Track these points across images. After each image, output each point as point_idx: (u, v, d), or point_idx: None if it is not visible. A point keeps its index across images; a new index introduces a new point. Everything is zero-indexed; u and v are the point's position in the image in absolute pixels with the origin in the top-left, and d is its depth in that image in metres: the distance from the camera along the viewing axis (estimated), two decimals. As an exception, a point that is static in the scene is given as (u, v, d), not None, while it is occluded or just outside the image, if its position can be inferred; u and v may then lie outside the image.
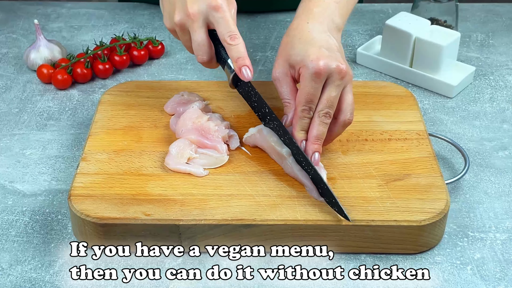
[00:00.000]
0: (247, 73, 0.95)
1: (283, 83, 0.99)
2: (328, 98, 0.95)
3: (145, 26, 1.46)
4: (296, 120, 0.96)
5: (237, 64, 0.95)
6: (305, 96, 0.95)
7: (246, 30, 1.45)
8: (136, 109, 1.10)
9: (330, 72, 0.94)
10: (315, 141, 0.96)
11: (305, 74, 0.95)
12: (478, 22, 1.50)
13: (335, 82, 0.95)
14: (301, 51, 0.97)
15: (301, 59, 0.96)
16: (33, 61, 1.28)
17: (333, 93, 0.95)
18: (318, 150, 0.96)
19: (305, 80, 0.95)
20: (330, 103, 0.95)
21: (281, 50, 1.01)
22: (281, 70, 0.99)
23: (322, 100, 0.95)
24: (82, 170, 0.97)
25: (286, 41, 1.01)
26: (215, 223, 0.90)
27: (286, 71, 0.99)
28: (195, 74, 1.31)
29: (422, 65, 1.27)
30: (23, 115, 1.19)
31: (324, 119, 0.95)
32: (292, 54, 0.98)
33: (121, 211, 0.91)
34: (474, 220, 0.99)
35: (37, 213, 0.99)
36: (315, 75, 0.94)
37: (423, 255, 0.94)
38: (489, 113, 1.22)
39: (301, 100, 0.95)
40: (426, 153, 1.02)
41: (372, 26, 1.47)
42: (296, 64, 0.97)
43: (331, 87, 0.95)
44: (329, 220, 0.90)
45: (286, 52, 0.99)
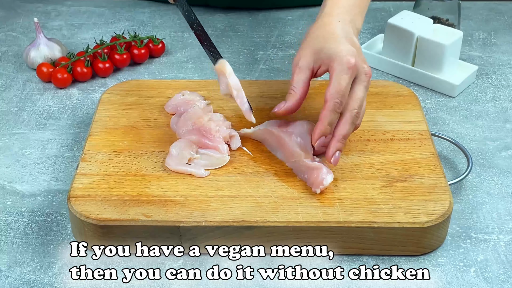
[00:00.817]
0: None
1: (302, 73, 0.97)
2: (359, 97, 0.94)
3: (146, 24, 1.45)
4: (326, 113, 0.94)
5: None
6: (338, 89, 0.93)
7: (247, 28, 1.43)
8: (136, 108, 1.09)
9: (359, 71, 0.94)
10: (342, 139, 0.95)
11: (337, 67, 0.93)
12: (480, 21, 1.48)
13: (363, 83, 0.95)
14: (334, 46, 0.95)
15: (333, 53, 0.95)
16: (33, 59, 1.26)
17: (361, 94, 0.95)
18: (341, 148, 0.95)
19: (338, 73, 0.93)
20: (360, 103, 0.94)
21: (309, 41, 0.99)
22: (305, 60, 0.97)
23: (354, 99, 0.94)
24: (81, 171, 0.96)
25: (316, 34, 0.99)
26: (216, 225, 0.88)
27: (310, 63, 0.97)
28: (196, 72, 1.29)
29: (424, 64, 1.25)
30: (23, 114, 1.17)
31: (355, 118, 0.95)
32: (324, 48, 0.96)
33: (121, 212, 0.89)
34: (477, 221, 0.98)
35: (36, 213, 0.97)
36: (348, 69, 0.93)
37: (426, 257, 0.92)
38: (492, 112, 1.20)
39: (333, 93, 0.93)
40: (429, 154, 1.01)
41: (373, 25, 1.45)
42: (326, 58, 0.95)
43: (360, 87, 0.95)
44: (331, 222, 0.89)
45: (317, 45, 0.97)
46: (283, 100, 0.97)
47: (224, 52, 1.35)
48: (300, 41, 1.38)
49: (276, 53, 1.35)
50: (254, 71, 1.29)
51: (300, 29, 1.43)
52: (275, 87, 1.14)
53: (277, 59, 1.33)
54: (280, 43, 1.38)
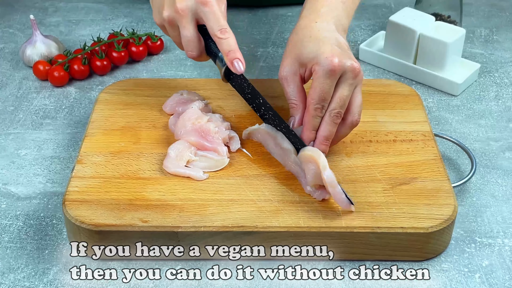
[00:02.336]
0: (239, 66, 0.91)
1: (291, 83, 0.94)
2: (340, 96, 0.90)
3: (145, 20, 1.40)
4: (309, 119, 0.91)
5: (228, 57, 0.91)
6: (319, 94, 0.90)
7: (247, 25, 1.39)
8: (134, 108, 1.05)
9: (344, 70, 0.90)
10: (323, 141, 0.92)
11: (319, 71, 0.90)
12: (482, 17, 1.44)
13: (348, 81, 0.90)
14: (313, 49, 0.92)
15: (313, 56, 0.91)
16: (29, 57, 1.22)
17: (345, 92, 0.90)
18: (325, 151, 0.92)
19: (319, 77, 0.89)
20: (342, 102, 0.90)
21: (289, 49, 0.95)
22: (289, 69, 0.94)
23: (334, 99, 0.91)
24: (77, 174, 0.92)
25: (295, 40, 0.95)
26: (215, 230, 0.84)
27: (295, 70, 0.94)
28: (195, 70, 1.25)
29: (426, 62, 1.21)
30: (19, 114, 1.13)
31: (335, 118, 0.91)
32: (303, 52, 0.93)
33: (117, 217, 0.85)
34: (481, 224, 0.94)
35: (31, 217, 0.93)
36: (330, 72, 0.89)
37: (430, 262, 0.88)
38: (495, 111, 1.16)
39: (314, 98, 0.90)
40: (432, 155, 0.97)
41: (374, 21, 1.41)
42: (308, 61, 0.92)
43: (344, 85, 0.90)
44: (333, 227, 0.85)
45: (296, 51, 0.94)
46: (291, 116, 0.95)
47: (224, 49, 1.31)
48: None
49: (276, 50, 1.31)
50: (254, 68, 1.25)
51: (300, 26, 1.38)
52: (276, 86, 1.10)
53: (277, 56, 1.29)
54: (280, 40, 1.34)
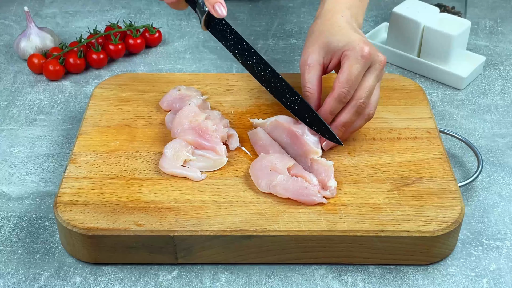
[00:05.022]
0: (221, 10, 0.88)
1: (312, 70, 0.89)
2: (368, 86, 0.87)
3: (143, 11, 1.34)
4: (331, 102, 0.87)
5: (209, 1, 0.87)
6: (347, 77, 0.86)
7: (247, 17, 1.32)
8: (130, 104, 0.99)
9: (373, 60, 0.87)
10: (341, 127, 0.88)
11: (350, 56, 0.86)
12: (486, 8, 1.37)
13: (375, 72, 0.88)
14: (343, 37, 0.89)
15: (344, 44, 0.88)
16: (23, 50, 1.16)
17: (372, 83, 0.87)
18: (340, 136, 0.88)
19: (351, 61, 0.86)
20: (368, 92, 0.87)
21: (314, 38, 0.91)
22: (314, 56, 0.90)
23: (362, 88, 0.87)
24: (70, 174, 0.86)
25: (321, 29, 0.91)
26: (212, 234, 0.79)
27: (320, 59, 0.90)
28: (194, 63, 1.19)
29: (430, 55, 1.15)
30: (12, 109, 1.07)
31: (359, 108, 0.88)
32: (332, 41, 0.89)
33: (111, 221, 0.79)
34: (488, 226, 0.88)
35: (23, 218, 0.87)
36: (362, 57, 0.86)
37: (436, 266, 0.83)
38: (501, 106, 1.10)
39: (342, 81, 0.86)
40: (438, 154, 0.91)
41: (377, 12, 1.34)
42: (338, 49, 0.88)
43: (372, 76, 0.88)
44: (335, 231, 0.79)
45: (323, 39, 0.90)
46: None
47: (223, 41, 1.24)
48: (301, 29, 1.28)
49: (277, 42, 1.25)
50: (253, 61, 1.19)
51: (301, 17, 1.32)
52: (276, 81, 1.04)
53: (278, 49, 1.23)
54: (281, 32, 1.28)
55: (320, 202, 0.82)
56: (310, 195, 0.82)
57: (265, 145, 0.90)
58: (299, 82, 0.94)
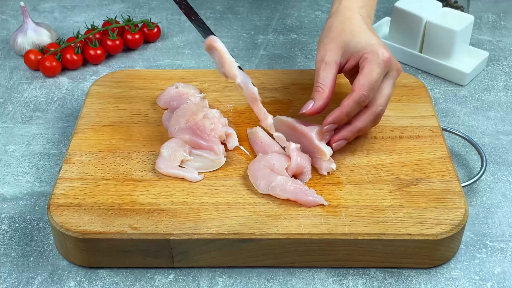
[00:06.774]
0: None
1: (328, 68, 0.85)
2: (387, 94, 0.85)
3: (142, 6, 1.30)
4: (350, 104, 0.82)
5: None
6: (368, 80, 0.82)
7: (247, 10, 1.28)
8: (126, 102, 0.95)
9: (392, 66, 0.84)
10: (355, 131, 0.85)
11: (372, 59, 0.83)
12: (489, 2, 1.33)
13: (392, 80, 0.85)
14: (365, 39, 0.85)
15: (365, 46, 0.84)
16: (20, 45, 1.12)
17: (391, 91, 0.85)
18: (349, 140, 0.86)
19: (372, 65, 0.83)
20: (387, 101, 0.85)
21: (334, 36, 0.87)
22: (333, 55, 0.86)
23: (382, 94, 0.84)
24: (64, 175, 0.82)
25: (341, 28, 0.87)
26: (209, 238, 0.75)
27: (337, 58, 0.86)
28: (193, 59, 1.15)
29: (433, 50, 1.11)
30: (8, 106, 1.03)
31: (378, 116, 0.85)
32: (352, 41, 0.85)
33: (105, 224, 0.76)
34: (492, 227, 0.85)
35: (17, 220, 0.84)
36: (383, 62, 0.83)
37: (438, 270, 0.79)
38: (504, 102, 1.06)
39: (363, 84, 0.82)
40: (441, 153, 0.87)
41: (379, 7, 1.30)
42: (358, 50, 0.85)
43: (389, 83, 0.85)
44: (336, 234, 0.76)
45: (344, 38, 0.86)
46: (309, 99, 0.85)
47: (223, 36, 1.21)
48: (302, 24, 1.24)
49: (277, 37, 1.21)
50: (254, 57, 1.15)
51: (302, 12, 1.28)
52: (275, 78, 1.00)
53: (278, 44, 1.19)
54: (282, 26, 1.24)
55: (320, 204, 0.79)
56: (310, 196, 0.79)
57: (264, 145, 0.86)
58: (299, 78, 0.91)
